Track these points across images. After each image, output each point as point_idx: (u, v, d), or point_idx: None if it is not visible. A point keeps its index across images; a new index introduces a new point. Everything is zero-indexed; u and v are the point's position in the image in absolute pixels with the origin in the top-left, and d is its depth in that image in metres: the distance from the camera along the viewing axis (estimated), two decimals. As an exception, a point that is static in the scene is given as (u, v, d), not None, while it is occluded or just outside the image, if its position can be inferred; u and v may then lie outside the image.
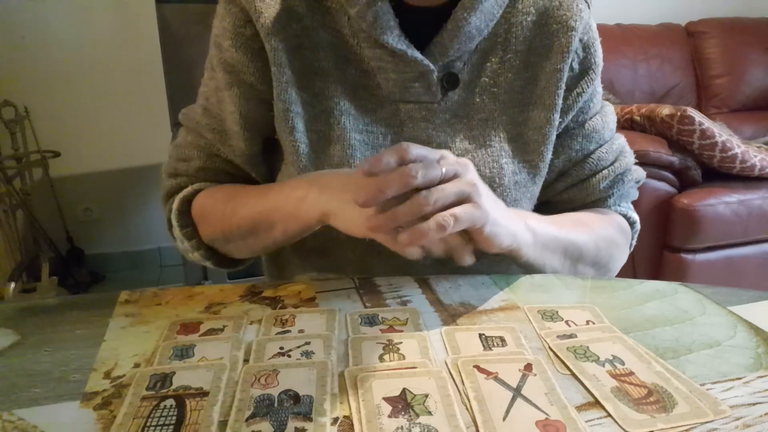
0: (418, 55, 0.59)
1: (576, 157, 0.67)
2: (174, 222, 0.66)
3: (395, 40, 0.58)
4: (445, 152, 0.50)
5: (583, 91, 0.64)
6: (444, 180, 0.47)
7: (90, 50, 2.25)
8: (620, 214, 0.71)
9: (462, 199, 0.47)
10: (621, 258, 0.70)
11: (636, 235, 0.74)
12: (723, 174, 1.77)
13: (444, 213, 0.45)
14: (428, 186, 0.46)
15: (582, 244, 0.62)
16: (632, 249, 0.74)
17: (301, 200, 0.55)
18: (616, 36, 2.44)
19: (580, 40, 0.63)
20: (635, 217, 0.73)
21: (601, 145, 0.67)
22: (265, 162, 0.67)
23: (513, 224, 0.52)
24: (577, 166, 0.67)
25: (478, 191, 0.48)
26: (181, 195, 0.66)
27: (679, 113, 1.68)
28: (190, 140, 0.68)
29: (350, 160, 0.60)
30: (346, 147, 0.60)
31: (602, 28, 2.62)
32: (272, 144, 0.65)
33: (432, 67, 0.59)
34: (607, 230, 0.66)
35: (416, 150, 0.48)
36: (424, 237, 0.45)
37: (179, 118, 0.71)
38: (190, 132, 0.68)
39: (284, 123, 0.61)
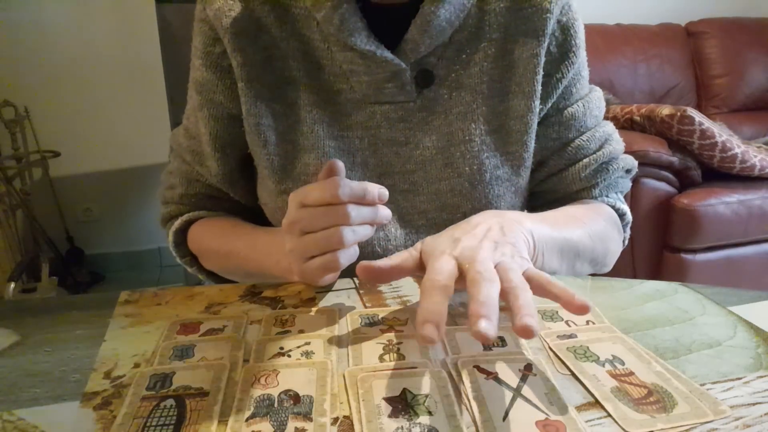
0: (388, 54, 0.58)
1: (553, 145, 0.65)
2: (173, 252, 0.71)
3: (363, 41, 0.57)
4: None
5: (563, 76, 0.62)
6: None
7: (90, 50, 2.25)
8: (608, 205, 0.68)
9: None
10: (616, 251, 0.68)
11: (628, 228, 0.71)
12: (723, 174, 1.78)
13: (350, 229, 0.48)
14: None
15: (577, 241, 0.59)
16: (626, 243, 0.72)
17: (288, 271, 0.54)
18: (616, 36, 2.44)
19: (558, 22, 0.61)
20: (625, 208, 0.70)
21: (582, 133, 0.65)
22: (243, 179, 0.67)
23: None
24: (556, 155, 0.65)
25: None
26: (173, 228, 0.69)
27: (679, 113, 1.68)
28: (175, 166, 0.70)
29: None
30: (320, 155, 0.60)
31: (602, 28, 2.65)
32: (250, 159, 0.65)
33: (404, 65, 0.58)
34: (599, 224, 0.64)
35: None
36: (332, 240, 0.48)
37: (170, 139, 0.73)
38: (176, 157, 0.70)
39: (256, 137, 0.60)
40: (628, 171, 0.69)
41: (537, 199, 0.68)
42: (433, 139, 0.61)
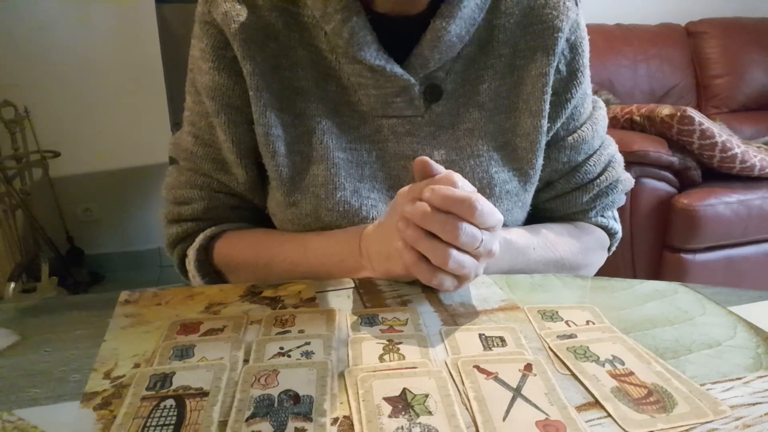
0: (397, 69, 0.57)
1: (563, 168, 0.65)
2: (195, 272, 0.64)
3: (373, 55, 0.56)
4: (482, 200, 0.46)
5: (572, 96, 0.62)
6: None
7: (90, 50, 2.25)
8: (601, 225, 0.70)
9: (475, 253, 0.47)
10: (588, 273, 0.69)
11: (617, 243, 0.73)
12: (723, 174, 1.78)
13: (458, 255, 0.45)
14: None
15: (536, 265, 0.61)
16: (611, 252, 0.74)
17: (356, 270, 0.56)
18: (616, 36, 2.44)
19: (567, 41, 0.60)
20: (617, 227, 0.71)
21: (589, 156, 0.66)
22: (263, 186, 0.65)
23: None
24: (563, 179, 0.66)
25: (490, 257, 0.48)
26: (196, 246, 0.64)
27: (679, 113, 1.68)
28: (185, 179, 0.65)
29: (334, 179, 0.58)
30: (329, 166, 0.58)
31: (602, 28, 2.65)
32: (263, 167, 0.63)
33: (413, 80, 0.58)
34: (574, 252, 0.65)
35: (459, 192, 0.46)
36: (438, 258, 0.45)
37: (169, 150, 0.68)
38: (184, 170, 0.66)
39: (265, 147, 0.59)
40: (623, 190, 0.70)
41: (535, 216, 0.68)
42: (442, 154, 0.60)
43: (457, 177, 0.47)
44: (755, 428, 0.34)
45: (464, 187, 0.47)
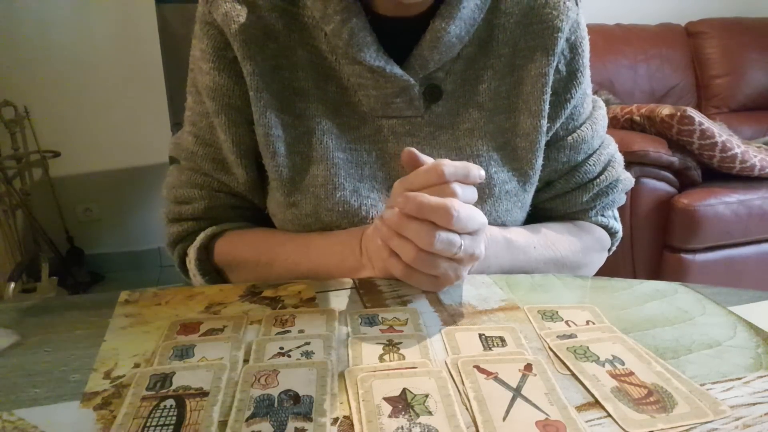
0: (397, 70, 0.57)
1: (563, 168, 0.65)
2: (195, 271, 0.64)
3: (372, 56, 0.56)
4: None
5: (572, 96, 0.62)
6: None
7: (90, 50, 2.25)
8: (601, 225, 0.70)
9: (455, 258, 0.48)
10: (588, 272, 0.69)
11: (617, 243, 0.73)
12: (723, 174, 1.78)
13: (428, 257, 0.47)
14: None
15: (534, 266, 0.62)
16: (611, 252, 0.74)
17: (357, 269, 0.56)
18: (616, 36, 2.44)
19: (567, 40, 0.60)
20: (617, 226, 0.71)
21: (589, 156, 0.66)
22: (264, 187, 0.65)
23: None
24: (563, 178, 0.66)
25: (474, 260, 0.49)
26: (196, 245, 0.64)
27: (679, 113, 1.68)
28: (185, 179, 0.65)
29: (334, 179, 0.58)
30: (329, 166, 0.59)
31: (602, 28, 2.64)
32: (262, 167, 0.63)
33: (412, 81, 0.58)
34: (573, 251, 0.65)
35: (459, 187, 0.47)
36: (407, 256, 0.48)
37: (170, 149, 0.68)
38: (184, 169, 0.66)
39: (266, 148, 0.59)
40: (623, 189, 0.70)
41: (535, 216, 0.68)
42: (441, 154, 0.60)
43: (446, 166, 0.47)
44: (755, 428, 0.34)
45: (453, 173, 0.47)
